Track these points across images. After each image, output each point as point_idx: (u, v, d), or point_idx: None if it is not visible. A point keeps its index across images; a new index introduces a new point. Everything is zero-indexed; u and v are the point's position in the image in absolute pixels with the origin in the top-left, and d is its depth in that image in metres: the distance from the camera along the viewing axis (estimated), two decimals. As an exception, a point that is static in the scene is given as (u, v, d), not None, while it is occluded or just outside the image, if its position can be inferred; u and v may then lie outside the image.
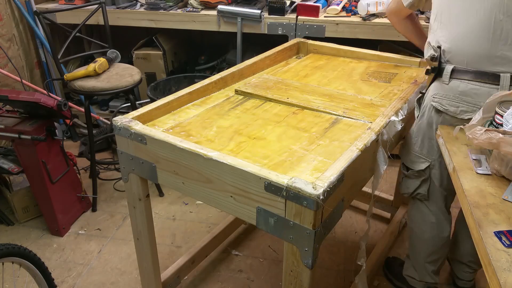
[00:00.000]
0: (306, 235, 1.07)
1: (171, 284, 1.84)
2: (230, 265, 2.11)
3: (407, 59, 1.97)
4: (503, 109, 1.19)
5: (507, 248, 0.95)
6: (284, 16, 2.60)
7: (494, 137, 1.09)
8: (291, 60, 2.12)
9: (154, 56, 3.07)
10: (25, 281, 1.93)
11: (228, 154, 1.19)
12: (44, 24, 2.28)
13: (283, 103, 1.60)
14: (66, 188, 2.32)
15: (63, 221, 2.31)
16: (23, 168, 2.22)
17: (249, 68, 1.87)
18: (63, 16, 2.83)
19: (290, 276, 1.17)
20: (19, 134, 2.04)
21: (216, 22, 2.69)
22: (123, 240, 2.27)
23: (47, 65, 3.13)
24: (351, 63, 2.03)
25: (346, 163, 1.14)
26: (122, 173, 1.48)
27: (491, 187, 1.16)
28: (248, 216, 1.18)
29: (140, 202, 1.48)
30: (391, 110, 1.46)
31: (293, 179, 1.05)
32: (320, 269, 2.06)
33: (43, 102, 1.99)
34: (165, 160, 1.30)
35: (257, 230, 2.32)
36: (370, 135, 1.28)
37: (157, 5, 2.78)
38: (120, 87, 2.25)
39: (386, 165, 1.39)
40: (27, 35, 3.02)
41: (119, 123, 1.35)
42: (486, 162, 1.25)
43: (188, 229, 2.35)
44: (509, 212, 1.06)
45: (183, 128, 1.43)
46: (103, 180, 2.79)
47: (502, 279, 0.87)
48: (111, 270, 2.09)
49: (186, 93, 1.58)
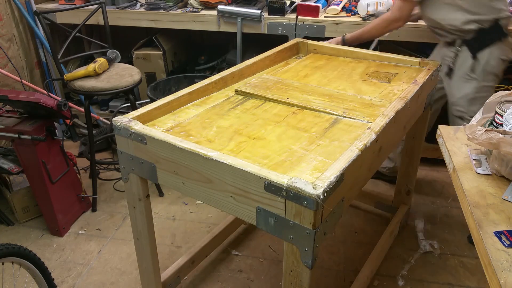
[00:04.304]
0: (306, 235, 1.07)
1: (171, 284, 1.84)
2: (230, 265, 2.11)
3: (407, 59, 1.97)
4: (503, 109, 1.19)
5: (507, 248, 0.95)
6: (284, 16, 2.60)
7: (494, 137, 1.09)
8: (291, 60, 2.12)
9: (154, 56, 3.07)
10: (25, 281, 1.93)
11: (228, 154, 1.19)
12: (44, 24, 2.28)
13: (283, 103, 1.60)
14: (66, 188, 2.32)
15: (63, 221, 2.31)
16: (23, 168, 2.22)
17: (249, 68, 1.87)
18: (63, 16, 2.83)
19: (290, 276, 1.17)
20: (19, 134, 2.04)
21: (216, 22, 2.69)
22: (123, 240, 2.27)
23: (47, 65, 3.13)
24: (351, 63, 2.03)
25: (346, 163, 1.14)
26: (122, 173, 1.48)
27: (491, 187, 1.16)
28: (248, 216, 1.18)
29: (140, 202, 1.48)
30: (391, 110, 1.46)
31: (293, 179, 1.05)
32: (320, 269, 2.06)
33: (43, 102, 1.99)
34: (165, 160, 1.30)
35: (257, 230, 2.32)
36: (370, 135, 1.28)
37: (157, 5, 2.78)
38: (120, 87, 2.25)
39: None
40: (27, 35, 3.02)
41: (119, 123, 1.35)
42: (486, 162, 1.25)
43: (188, 229, 2.35)
44: (509, 212, 1.06)
45: (183, 128, 1.43)
46: (103, 180, 2.79)
47: (502, 279, 0.87)
48: (111, 270, 2.09)
49: (186, 93, 1.58)
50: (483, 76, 2.00)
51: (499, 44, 1.95)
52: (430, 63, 1.90)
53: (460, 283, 1.99)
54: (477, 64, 1.98)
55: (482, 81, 2.01)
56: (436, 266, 2.08)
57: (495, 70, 1.99)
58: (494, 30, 1.93)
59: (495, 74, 2.01)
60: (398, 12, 2.05)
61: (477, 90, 2.02)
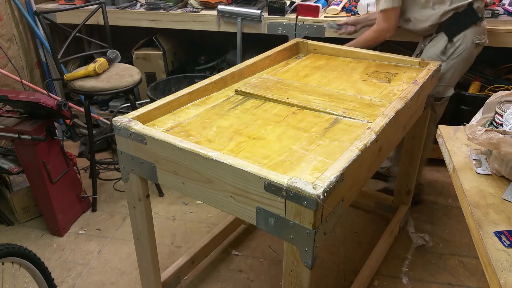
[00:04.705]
0: (306, 235, 1.07)
1: (171, 284, 1.84)
2: (230, 265, 2.11)
3: (407, 59, 1.97)
4: (503, 109, 1.19)
5: (507, 248, 0.95)
6: (284, 16, 2.60)
7: (494, 137, 1.09)
8: (291, 60, 2.12)
9: (154, 56, 3.07)
10: (25, 281, 1.93)
11: (228, 154, 1.19)
12: (44, 24, 2.28)
13: (283, 103, 1.60)
14: (66, 188, 2.32)
15: (63, 221, 2.31)
16: (23, 168, 2.22)
17: (249, 68, 1.87)
18: (63, 16, 2.83)
19: (290, 276, 1.17)
20: (19, 134, 2.04)
21: (216, 22, 2.69)
22: (123, 240, 2.27)
23: (47, 65, 3.13)
24: (351, 63, 2.03)
25: (346, 163, 1.14)
26: (122, 173, 1.48)
27: (491, 187, 1.16)
28: (248, 216, 1.18)
29: (140, 202, 1.48)
30: (391, 110, 1.46)
31: (293, 179, 1.05)
32: (320, 269, 2.06)
33: (43, 102, 1.99)
34: (165, 160, 1.30)
35: (257, 230, 2.32)
36: (370, 135, 1.28)
37: (157, 5, 2.78)
38: (120, 87, 2.25)
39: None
40: (27, 35, 3.02)
41: (119, 123, 1.35)
42: (486, 162, 1.25)
43: (188, 229, 2.35)
44: (509, 212, 1.06)
45: (183, 128, 1.43)
46: (103, 180, 2.79)
47: (502, 279, 0.87)
48: (111, 270, 2.09)
49: (186, 93, 1.58)
50: (453, 58, 2.04)
51: (475, 27, 2.00)
52: (430, 63, 1.90)
53: (460, 283, 1.99)
54: (451, 47, 2.02)
55: (450, 64, 2.05)
56: (436, 266, 2.08)
57: (466, 54, 2.02)
58: (469, 14, 1.98)
59: (465, 58, 2.04)
60: (385, 23, 2.07)
61: (443, 71, 2.07)
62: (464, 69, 2.10)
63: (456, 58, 2.03)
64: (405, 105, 1.52)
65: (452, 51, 2.02)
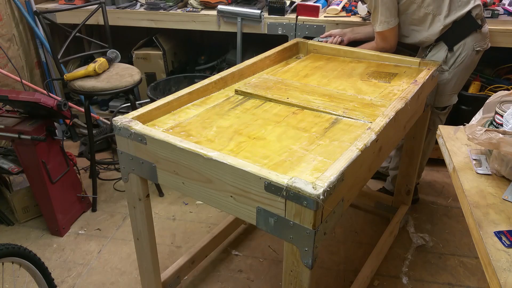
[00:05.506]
0: (306, 235, 1.07)
1: (171, 284, 1.84)
2: (230, 265, 2.11)
3: (407, 59, 1.97)
4: (503, 109, 1.19)
5: (507, 248, 0.95)
6: (284, 16, 2.60)
7: (494, 137, 1.09)
8: (291, 60, 2.12)
9: (154, 56, 3.07)
10: (25, 281, 1.93)
11: (228, 154, 1.19)
12: (44, 24, 2.28)
13: (283, 103, 1.60)
14: (66, 188, 2.32)
15: (63, 221, 2.31)
16: (23, 168, 2.22)
17: (249, 68, 1.87)
18: (63, 16, 2.83)
19: (290, 276, 1.17)
20: (19, 134, 2.04)
21: (216, 22, 2.69)
22: (123, 240, 2.27)
23: (47, 65, 3.13)
24: (351, 63, 2.03)
25: (346, 163, 1.14)
26: (122, 173, 1.48)
27: (491, 187, 1.16)
28: (248, 216, 1.18)
29: (140, 202, 1.48)
30: (391, 110, 1.46)
31: (293, 179, 1.05)
32: (320, 269, 2.06)
33: (43, 102, 1.99)
34: (165, 160, 1.30)
35: (257, 230, 2.32)
36: (370, 135, 1.28)
37: (157, 5, 2.78)
38: (120, 87, 2.25)
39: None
40: (27, 35, 3.02)
41: (119, 123, 1.35)
42: (486, 162, 1.25)
43: (188, 229, 2.35)
44: (509, 212, 1.06)
45: (183, 128, 1.43)
46: (103, 180, 2.79)
47: (502, 279, 0.87)
48: (111, 270, 2.09)
49: (186, 93, 1.58)
50: (454, 68, 2.02)
51: (475, 34, 1.97)
52: (430, 63, 1.90)
53: (460, 283, 1.99)
54: (451, 57, 2.00)
55: (452, 73, 2.03)
56: (436, 266, 2.08)
57: (467, 61, 2.01)
58: (468, 22, 1.95)
59: (467, 66, 2.03)
60: (383, 43, 2.07)
61: (446, 81, 2.05)
62: (467, 76, 2.09)
63: (457, 67, 2.00)
64: (405, 105, 1.52)
65: (453, 60, 2.00)
